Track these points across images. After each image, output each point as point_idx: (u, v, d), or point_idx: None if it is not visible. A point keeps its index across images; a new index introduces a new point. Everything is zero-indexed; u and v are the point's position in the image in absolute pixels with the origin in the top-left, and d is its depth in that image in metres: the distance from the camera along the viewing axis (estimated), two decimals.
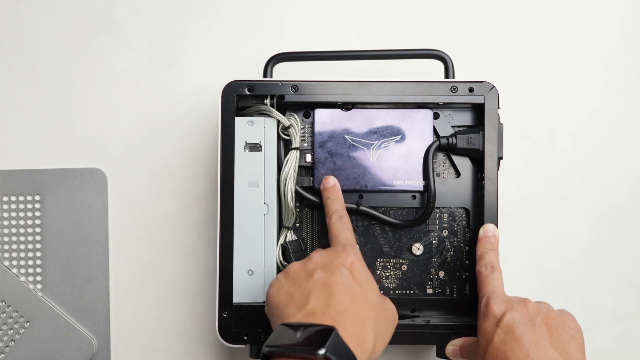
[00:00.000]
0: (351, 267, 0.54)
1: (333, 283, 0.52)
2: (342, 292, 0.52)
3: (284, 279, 0.55)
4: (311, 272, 0.54)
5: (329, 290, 0.52)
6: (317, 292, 0.52)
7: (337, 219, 0.61)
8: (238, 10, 0.73)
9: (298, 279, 0.54)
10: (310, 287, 0.52)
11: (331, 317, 0.50)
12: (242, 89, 0.63)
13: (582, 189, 0.72)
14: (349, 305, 0.51)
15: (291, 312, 0.51)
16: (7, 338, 0.70)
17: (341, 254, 0.55)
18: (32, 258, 0.71)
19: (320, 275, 0.53)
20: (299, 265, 0.55)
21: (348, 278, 0.53)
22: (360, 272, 0.54)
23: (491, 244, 0.62)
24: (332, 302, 0.51)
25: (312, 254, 0.56)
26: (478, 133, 0.64)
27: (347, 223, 0.61)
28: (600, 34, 0.73)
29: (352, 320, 0.50)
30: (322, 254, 0.56)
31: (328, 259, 0.55)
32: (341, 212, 0.61)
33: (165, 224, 0.72)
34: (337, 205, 0.62)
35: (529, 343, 0.54)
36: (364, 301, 0.52)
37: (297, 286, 0.53)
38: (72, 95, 0.73)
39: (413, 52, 0.67)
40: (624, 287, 0.72)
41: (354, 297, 0.52)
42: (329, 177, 0.64)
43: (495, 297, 0.57)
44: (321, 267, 0.54)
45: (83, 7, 0.73)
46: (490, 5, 0.73)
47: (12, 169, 0.71)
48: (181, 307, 0.71)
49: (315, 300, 0.51)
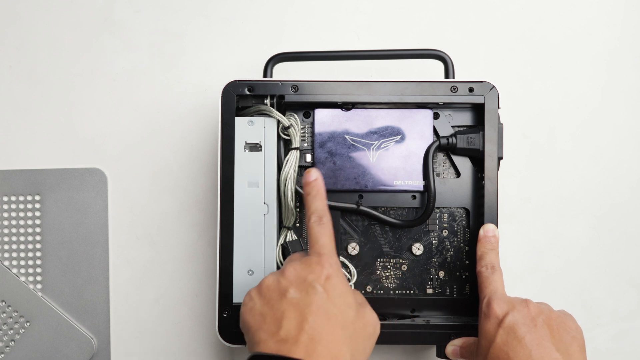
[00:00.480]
0: (326, 283, 0.52)
1: (306, 304, 0.50)
2: (315, 313, 0.50)
3: (256, 297, 0.53)
4: (284, 291, 0.52)
5: (302, 313, 0.50)
6: (289, 315, 0.50)
7: (315, 221, 0.56)
8: (238, 10, 0.73)
9: (271, 298, 0.52)
10: (282, 309, 0.51)
11: (304, 345, 0.48)
12: (242, 89, 0.63)
13: (582, 189, 0.72)
14: (323, 330, 0.49)
15: (263, 338, 0.50)
16: (7, 338, 0.70)
17: (315, 267, 0.53)
18: (32, 258, 0.71)
19: (294, 295, 0.51)
20: (273, 280, 0.53)
21: (322, 297, 0.51)
22: (335, 287, 0.52)
23: (491, 244, 0.62)
24: (305, 327, 0.49)
25: (285, 267, 0.54)
26: (478, 133, 0.64)
27: (327, 225, 0.56)
28: (600, 34, 0.73)
29: (326, 347, 0.49)
30: (296, 267, 0.53)
31: (302, 274, 0.52)
32: (321, 212, 0.57)
33: (165, 224, 0.72)
34: (318, 204, 0.58)
35: (531, 343, 0.54)
36: (340, 322, 0.51)
37: (270, 307, 0.51)
38: (72, 95, 0.73)
39: (413, 52, 0.67)
40: (624, 287, 0.72)
41: (329, 317, 0.50)
42: (311, 170, 0.59)
43: (497, 298, 0.57)
44: (295, 284, 0.52)
45: (83, 7, 0.73)
46: (490, 5, 0.73)
47: (12, 169, 0.71)
48: (181, 307, 0.71)
49: (288, 324, 0.49)
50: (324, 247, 0.55)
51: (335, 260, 0.54)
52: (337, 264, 0.54)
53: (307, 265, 0.53)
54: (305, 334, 0.49)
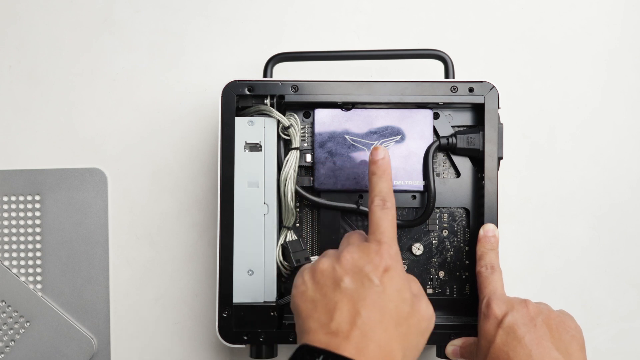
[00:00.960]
0: (383, 275, 0.49)
1: (361, 297, 0.48)
2: (369, 308, 0.47)
3: (310, 281, 0.51)
4: (339, 280, 0.49)
5: (355, 306, 0.48)
6: (342, 306, 0.48)
7: (379, 204, 0.53)
8: (238, 10, 0.73)
9: (324, 285, 0.50)
10: (335, 299, 0.48)
11: (355, 342, 0.46)
12: (242, 89, 0.63)
13: (582, 189, 0.72)
14: (376, 324, 0.47)
15: (313, 328, 0.48)
16: (7, 338, 0.70)
17: (374, 257, 0.50)
18: (32, 258, 0.71)
19: (348, 286, 0.49)
20: (328, 266, 0.50)
21: (378, 290, 0.48)
22: (393, 279, 0.49)
23: (491, 244, 0.62)
24: (358, 322, 0.47)
25: (342, 252, 0.51)
26: (478, 133, 0.64)
27: (390, 211, 0.53)
28: (600, 34, 0.73)
29: (378, 345, 0.46)
30: (353, 255, 0.50)
31: (359, 263, 0.50)
32: (385, 195, 0.54)
33: (165, 224, 0.72)
34: (383, 185, 0.54)
35: (531, 343, 0.54)
36: (394, 318, 0.48)
37: (322, 295, 0.49)
38: (72, 95, 0.73)
39: (413, 52, 0.67)
40: (624, 287, 0.72)
41: (383, 313, 0.48)
42: (379, 148, 0.56)
43: (496, 298, 0.57)
44: (350, 274, 0.49)
45: (83, 7, 0.73)
46: (490, 5, 0.73)
47: (12, 169, 0.71)
48: (181, 307, 0.71)
49: (340, 316, 0.47)
50: (384, 233, 0.52)
51: (395, 250, 0.51)
52: (397, 254, 0.51)
53: (366, 253, 0.50)
54: (358, 329, 0.47)
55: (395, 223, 0.53)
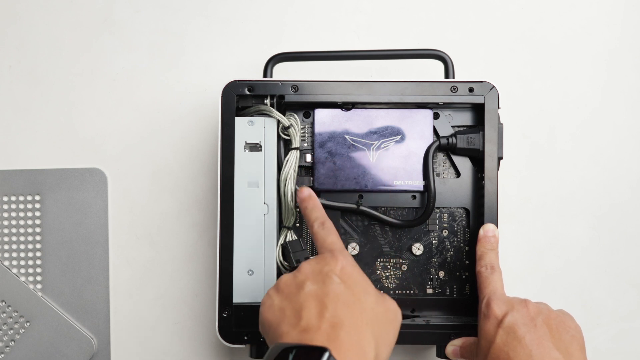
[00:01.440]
0: (341, 272, 0.52)
1: (324, 294, 0.50)
2: (334, 302, 0.50)
3: (274, 294, 0.53)
4: (301, 284, 0.52)
5: (321, 303, 0.50)
6: (309, 305, 0.50)
7: (319, 226, 0.58)
8: (238, 10, 0.73)
9: (289, 293, 0.52)
10: (301, 301, 0.50)
11: (326, 333, 0.48)
12: (242, 89, 0.63)
13: (582, 189, 0.72)
14: (343, 315, 0.49)
15: (285, 330, 0.49)
16: (7, 338, 0.70)
17: (330, 260, 0.53)
18: (32, 258, 0.71)
19: (311, 287, 0.51)
20: (289, 277, 0.53)
21: (340, 286, 0.51)
22: (351, 276, 0.52)
23: (491, 244, 0.62)
24: (326, 316, 0.49)
25: (301, 265, 0.54)
26: (478, 133, 0.64)
27: (331, 228, 0.58)
28: (600, 34, 0.73)
29: (349, 332, 0.48)
30: (310, 263, 0.53)
31: (317, 267, 0.53)
32: (322, 219, 0.59)
33: (165, 224, 0.72)
34: (317, 213, 0.59)
35: (532, 343, 0.54)
36: (359, 308, 0.50)
37: (289, 301, 0.51)
38: (72, 95, 0.73)
39: (413, 52, 0.67)
40: (624, 287, 0.72)
41: (348, 305, 0.50)
42: (303, 189, 0.61)
43: (496, 298, 0.57)
44: (311, 278, 0.52)
45: (83, 7, 0.73)
46: (490, 5, 0.73)
47: (12, 169, 0.71)
48: (181, 307, 0.71)
49: (308, 314, 0.49)
50: (333, 244, 0.56)
51: (347, 254, 0.55)
52: (350, 257, 0.54)
53: (321, 259, 0.54)
54: (327, 321, 0.48)
55: (339, 237, 0.57)
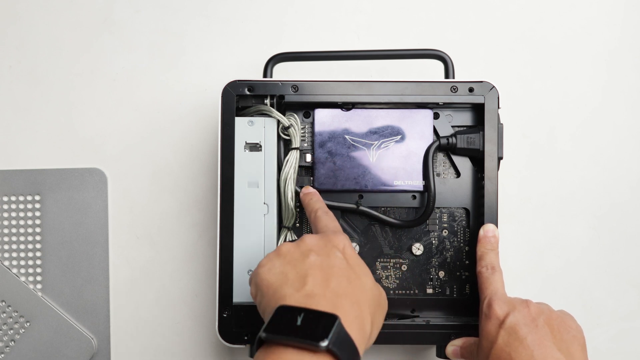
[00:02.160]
0: (344, 251, 0.53)
1: (329, 266, 0.51)
2: (338, 275, 0.50)
3: (275, 258, 0.52)
4: (306, 254, 0.52)
5: (326, 274, 0.50)
6: (314, 273, 0.50)
7: (322, 213, 0.59)
8: (238, 10, 0.73)
9: (292, 260, 0.52)
10: (305, 268, 0.50)
11: (331, 300, 0.48)
12: (242, 89, 0.63)
13: (582, 189, 0.72)
14: (346, 289, 0.49)
15: (288, 293, 0.49)
16: (7, 338, 0.70)
17: (333, 238, 0.54)
18: (32, 258, 0.71)
19: (316, 258, 0.51)
20: (292, 246, 0.53)
21: (343, 262, 0.52)
22: (352, 257, 0.53)
23: (491, 244, 0.62)
24: (330, 285, 0.49)
25: (303, 237, 0.54)
26: (478, 133, 0.64)
27: (333, 217, 0.59)
28: (600, 34, 0.73)
29: (351, 304, 0.49)
30: (314, 237, 0.54)
31: (321, 242, 0.53)
32: (325, 208, 0.60)
33: (165, 224, 0.72)
34: (320, 204, 0.61)
35: (533, 344, 0.54)
36: (359, 285, 0.51)
37: (292, 266, 0.51)
38: (72, 95, 0.73)
39: (413, 52, 0.67)
40: (624, 287, 0.72)
41: (350, 281, 0.50)
42: (308, 187, 0.64)
43: (497, 299, 0.57)
44: (315, 250, 0.52)
45: (83, 7, 0.73)
46: (490, 5, 0.73)
47: (12, 169, 0.71)
48: (181, 307, 0.71)
49: (313, 281, 0.49)
50: (336, 228, 0.57)
51: (347, 237, 0.55)
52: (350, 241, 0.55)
53: (324, 236, 0.54)
54: (331, 291, 0.49)
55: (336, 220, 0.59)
